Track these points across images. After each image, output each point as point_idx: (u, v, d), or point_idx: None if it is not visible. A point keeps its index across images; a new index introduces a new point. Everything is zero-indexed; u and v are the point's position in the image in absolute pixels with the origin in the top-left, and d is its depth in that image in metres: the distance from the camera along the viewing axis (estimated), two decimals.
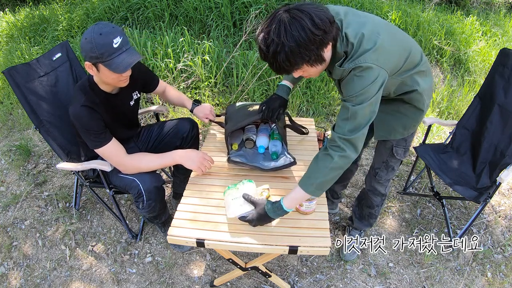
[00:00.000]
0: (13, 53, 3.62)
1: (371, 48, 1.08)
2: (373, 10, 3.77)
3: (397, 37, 1.21)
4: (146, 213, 1.72)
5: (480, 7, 5.36)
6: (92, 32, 1.30)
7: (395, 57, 1.16)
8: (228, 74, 3.15)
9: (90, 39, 1.30)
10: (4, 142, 2.92)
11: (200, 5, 3.49)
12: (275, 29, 0.99)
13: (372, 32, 1.10)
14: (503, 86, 1.95)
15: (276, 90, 1.62)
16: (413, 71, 1.26)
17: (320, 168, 1.18)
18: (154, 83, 1.85)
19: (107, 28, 1.32)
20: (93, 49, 1.31)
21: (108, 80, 1.45)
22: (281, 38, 0.98)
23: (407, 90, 1.30)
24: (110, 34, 1.31)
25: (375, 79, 1.09)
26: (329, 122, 3.05)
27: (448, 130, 2.90)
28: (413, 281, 1.88)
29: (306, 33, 0.98)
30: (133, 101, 1.73)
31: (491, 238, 2.13)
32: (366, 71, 1.08)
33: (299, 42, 0.98)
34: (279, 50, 1.00)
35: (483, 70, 3.72)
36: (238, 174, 1.60)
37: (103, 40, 1.30)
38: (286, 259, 1.97)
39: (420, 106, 1.37)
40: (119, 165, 1.59)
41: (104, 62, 1.34)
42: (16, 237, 2.11)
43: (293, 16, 0.98)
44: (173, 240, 1.29)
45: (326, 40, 1.03)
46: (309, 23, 0.98)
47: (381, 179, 1.66)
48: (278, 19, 0.99)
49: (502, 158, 1.88)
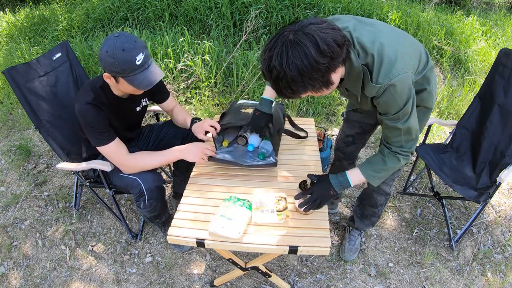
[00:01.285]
0: (13, 53, 3.62)
1: (397, 57, 1.06)
2: (373, 10, 3.77)
3: (409, 40, 1.23)
4: (147, 213, 1.72)
5: (480, 7, 5.36)
6: (114, 47, 1.27)
7: (414, 58, 1.18)
8: (228, 74, 3.15)
9: (112, 54, 1.27)
10: (4, 142, 2.92)
11: (200, 5, 3.49)
12: (277, 55, 0.93)
13: (389, 41, 1.08)
14: (503, 86, 1.95)
15: (259, 105, 1.54)
16: (425, 70, 1.27)
17: (388, 166, 1.26)
18: (164, 97, 1.81)
19: (129, 44, 1.28)
20: (114, 64, 1.29)
21: (127, 90, 1.46)
22: (283, 66, 0.92)
23: (418, 89, 1.30)
24: (133, 50, 1.28)
25: (411, 87, 1.10)
26: (329, 122, 3.05)
27: (448, 130, 2.90)
28: (413, 281, 1.88)
29: (309, 62, 0.91)
30: (140, 107, 1.72)
31: (491, 238, 2.13)
32: (403, 83, 1.07)
33: (302, 72, 0.92)
34: (281, 77, 0.95)
35: (483, 70, 3.72)
36: (238, 174, 1.60)
37: (125, 57, 1.28)
38: (286, 259, 1.97)
39: (429, 105, 1.39)
40: (121, 165, 1.59)
41: (125, 77, 1.33)
42: (16, 237, 2.11)
43: (297, 41, 0.91)
44: (173, 240, 1.29)
45: (333, 66, 0.97)
46: (313, 51, 0.91)
47: (386, 179, 1.66)
48: (282, 43, 0.93)
49: (502, 158, 1.88)
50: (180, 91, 3.09)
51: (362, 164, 1.31)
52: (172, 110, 1.88)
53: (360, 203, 1.89)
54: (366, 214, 1.85)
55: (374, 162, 1.29)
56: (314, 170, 1.59)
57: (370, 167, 1.29)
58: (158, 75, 1.38)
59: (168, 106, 1.87)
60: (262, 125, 1.54)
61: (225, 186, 1.53)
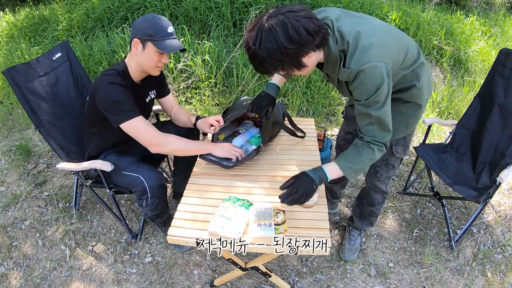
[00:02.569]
0: (13, 53, 3.62)
1: (371, 45, 1.10)
2: (373, 10, 3.77)
3: (393, 34, 1.25)
4: (149, 211, 1.73)
5: (480, 7, 5.36)
6: (152, 16, 1.47)
7: (395, 51, 1.19)
8: (228, 74, 3.15)
9: (149, 20, 1.45)
10: (4, 142, 2.92)
11: (200, 5, 3.49)
12: (254, 36, 1.05)
13: (368, 30, 1.14)
14: (503, 86, 1.95)
15: (265, 88, 1.66)
16: (414, 65, 1.29)
17: (363, 158, 1.27)
18: (166, 90, 1.87)
19: (163, 18, 1.49)
20: (149, 28, 1.44)
21: (148, 61, 1.52)
22: (256, 47, 1.05)
23: (407, 85, 1.33)
24: (166, 21, 1.49)
25: (383, 76, 1.12)
26: (329, 122, 3.05)
27: (448, 130, 2.90)
28: (413, 281, 1.88)
29: (278, 46, 1.03)
30: (148, 98, 1.77)
31: (491, 238, 2.13)
32: (374, 70, 1.11)
33: (271, 54, 1.04)
34: (255, 56, 1.07)
35: (483, 70, 3.72)
36: (237, 174, 1.60)
37: (161, 23, 1.46)
38: (286, 259, 1.97)
39: (419, 102, 1.40)
40: (152, 141, 1.54)
41: (155, 41, 1.45)
42: (16, 237, 2.11)
43: (270, 27, 1.02)
44: (173, 240, 1.29)
45: (303, 51, 1.07)
46: (282, 37, 1.01)
47: (381, 176, 1.67)
48: (258, 27, 1.04)
49: (502, 158, 1.88)
50: (180, 91, 3.09)
51: (338, 157, 1.33)
52: (173, 110, 1.91)
53: (358, 203, 1.90)
54: (365, 213, 1.86)
55: (349, 154, 1.31)
56: None
57: (345, 159, 1.30)
58: (181, 44, 1.52)
59: (168, 104, 1.89)
60: (264, 104, 1.61)
61: (225, 186, 1.53)
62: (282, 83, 1.68)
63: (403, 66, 1.25)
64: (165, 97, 1.88)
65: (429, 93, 1.45)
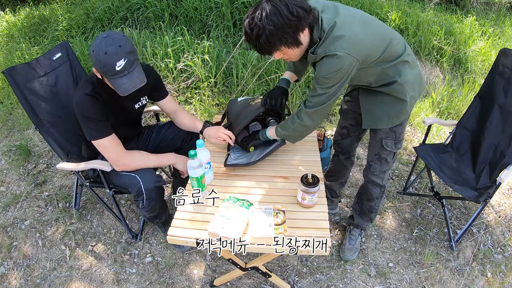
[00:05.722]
0: (13, 53, 3.62)
1: (342, 37, 1.20)
2: (373, 10, 3.77)
3: (373, 29, 1.31)
4: (146, 213, 1.72)
5: (480, 7, 5.36)
6: (99, 48, 1.29)
7: (368, 46, 1.26)
8: (228, 74, 3.15)
9: (96, 54, 1.31)
10: (4, 142, 2.92)
11: (200, 5, 3.49)
12: (258, 15, 1.16)
13: (344, 22, 1.22)
14: (503, 86, 1.95)
15: (278, 83, 1.72)
16: (396, 61, 1.36)
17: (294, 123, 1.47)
18: (162, 94, 1.79)
19: (113, 48, 1.29)
20: (97, 64, 1.34)
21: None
22: (263, 21, 1.15)
23: (388, 81, 1.40)
24: (115, 55, 1.29)
25: (342, 67, 1.23)
26: (329, 122, 3.05)
27: (448, 130, 2.90)
28: (413, 281, 1.88)
29: (283, 18, 1.15)
30: (138, 104, 1.72)
31: (491, 238, 2.13)
32: (337, 59, 1.21)
33: (277, 25, 1.15)
34: (261, 33, 1.17)
35: (483, 70, 3.72)
36: (237, 174, 1.60)
37: (106, 61, 1.30)
38: (286, 259, 1.97)
39: (402, 97, 1.44)
40: (116, 161, 1.59)
41: (107, 79, 1.38)
42: (16, 237, 2.11)
43: (273, 5, 1.15)
44: (173, 240, 1.29)
45: (301, 25, 1.19)
46: (285, 10, 1.15)
47: (375, 171, 1.70)
48: (261, 7, 1.16)
49: (502, 158, 1.88)
50: (180, 91, 3.09)
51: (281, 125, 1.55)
52: (174, 112, 1.86)
53: (358, 199, 1.91)
54: (364, 210, 1.87)
55: (286, 120, 1.52)
56: (314, 170, 1.59)
57: (280, 124, 1.55)
58: (137, 83, 1.37)
59: (167, 107, 1.84)
60: (278, 94, 1.67)
61: (225, 186, 1.53)
62: (293, 79, 1.74)
63: (381, 60, 1.32)
64: (162, 100, 1.81)
65: (417, 90, 1.49)
